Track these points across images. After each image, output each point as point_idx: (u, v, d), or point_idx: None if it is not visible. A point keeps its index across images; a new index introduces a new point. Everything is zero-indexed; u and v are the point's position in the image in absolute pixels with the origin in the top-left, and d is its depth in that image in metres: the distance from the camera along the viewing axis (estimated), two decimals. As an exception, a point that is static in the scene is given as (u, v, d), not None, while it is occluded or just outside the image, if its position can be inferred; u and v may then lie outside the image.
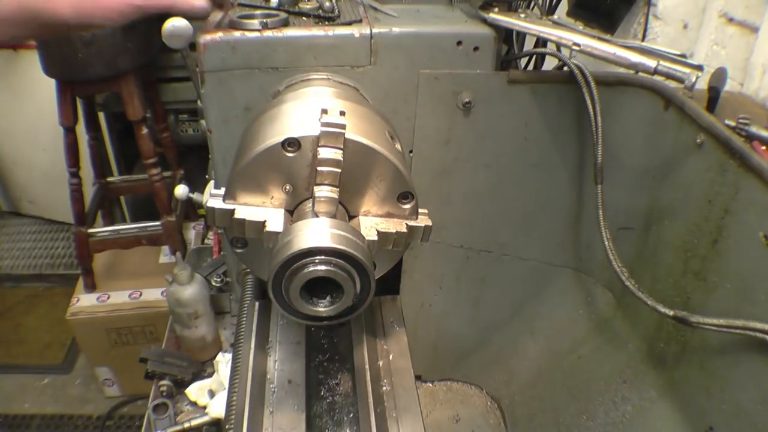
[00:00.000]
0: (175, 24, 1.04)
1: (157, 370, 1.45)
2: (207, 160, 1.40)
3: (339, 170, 0.82)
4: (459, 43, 1.12)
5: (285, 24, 1.09)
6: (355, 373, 1.01)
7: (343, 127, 0.80)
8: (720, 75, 1.09)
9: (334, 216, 0.83)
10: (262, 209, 0.86)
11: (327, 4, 1.15)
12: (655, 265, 1.19)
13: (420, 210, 0.90)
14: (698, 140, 1.03)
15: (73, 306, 2.61)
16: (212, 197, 0.86)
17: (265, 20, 1.08)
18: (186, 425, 1.34)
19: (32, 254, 3.73)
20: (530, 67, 1.41)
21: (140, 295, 2.66)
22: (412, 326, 1.51)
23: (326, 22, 1.12)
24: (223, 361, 1.51)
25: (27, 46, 3.09)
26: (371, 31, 1.09)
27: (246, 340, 1.05)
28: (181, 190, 1.53)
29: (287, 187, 0.85)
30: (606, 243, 1.13)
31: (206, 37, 1.06)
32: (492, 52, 1.14)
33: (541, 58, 1.37)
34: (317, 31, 1.08)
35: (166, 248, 2.89)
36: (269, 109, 0.95)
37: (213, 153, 1.19)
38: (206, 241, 2.24)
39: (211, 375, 1.51)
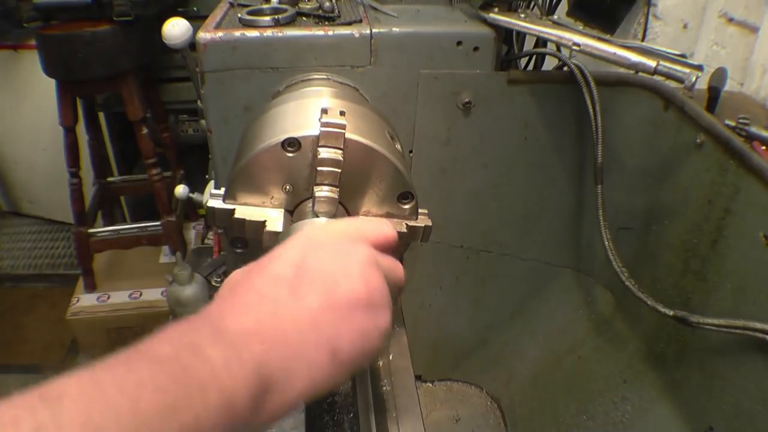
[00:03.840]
0: (175, 24, 1.04)
1: (157, 370, 1.45)
2: (207, 160, 1.40)
3: (339, 170, 0.82)
4: (459, 43, 1.12)
5: (294, 19, 1.09)
6: (355, 373, 1.01)
7: (343, 127, 0.80)
8: (720, 75, 1.09)
9: (334, 216, 0.83)
10: (262, 209, 0.86)
11: (327, 4, 1.15)
12: (655, 265, 1.19)
13: (420, 210, 0.90)
14: (698, 140, 1.03)
15: (73, 306, 2.61)
16: (212, 197, 0.85)
17: (276, 17, 1.08)
18: (186, 425, 1.34)
19: (32, 254, 3.72)
20: (530, 67, 1.41)
21: (140, 295, 2.66)
22: (412, 326, 1.51)
23: (326, 22, 1.12)
24: (223, 361, 1.50)
25: (27, 46, 3.09)
26: (371, 31, 1.09)
27: (246, 340, 1.05)
28: (181, 190, 1.54)
29: (287, 187, 0.85)
30: (606, 243, 1.13)
31: (206, 37, 1.06)
32: (492, 52, 1.14)
33: (541, 58, 1.37)
34: (317, 31, 1.08)
35: (166, 248, 2.89)
36: (269, 109, 0.95)
37: (213, 153, 1.19)
38: (206, 241, 2.24)
39: (211, 375, 1.51)
